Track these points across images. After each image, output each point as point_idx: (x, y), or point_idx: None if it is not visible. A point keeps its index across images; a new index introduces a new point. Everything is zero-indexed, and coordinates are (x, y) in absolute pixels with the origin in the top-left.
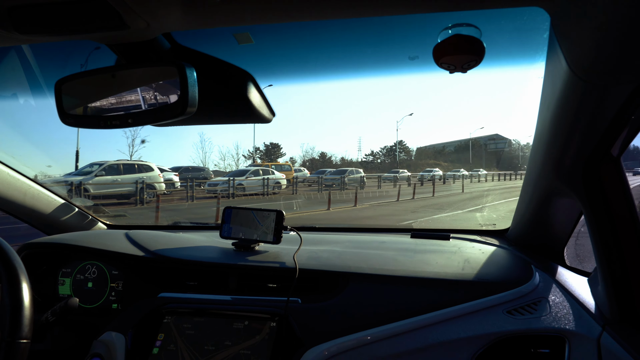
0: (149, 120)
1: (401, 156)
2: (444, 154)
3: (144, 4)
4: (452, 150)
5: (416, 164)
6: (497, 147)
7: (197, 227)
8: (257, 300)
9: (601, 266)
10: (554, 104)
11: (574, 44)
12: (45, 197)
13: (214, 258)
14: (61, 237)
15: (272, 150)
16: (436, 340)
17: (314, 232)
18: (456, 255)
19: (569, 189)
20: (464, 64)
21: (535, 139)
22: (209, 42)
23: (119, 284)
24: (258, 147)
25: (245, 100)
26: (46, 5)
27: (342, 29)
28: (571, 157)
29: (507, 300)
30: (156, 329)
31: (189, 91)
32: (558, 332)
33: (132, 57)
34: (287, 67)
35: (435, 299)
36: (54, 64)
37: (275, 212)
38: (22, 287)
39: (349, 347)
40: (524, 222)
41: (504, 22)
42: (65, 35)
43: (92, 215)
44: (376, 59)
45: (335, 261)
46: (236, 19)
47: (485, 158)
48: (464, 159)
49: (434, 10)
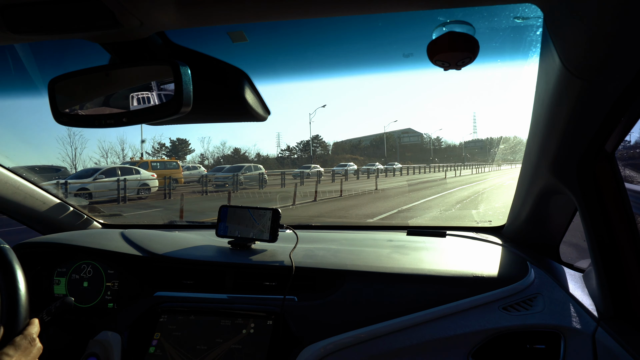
0: (144, 119)
1: (318, 151)
2: (360, 148)
3: (137, 3)
4: (368, 144)
5: (333, 159)
6: (410, 141)
7: (193, 226)
8: (253, 298)
9: (596, 262)
10: (547, 101)
11: (567, 41)
12: (40, 196)
13: (210, 257)
14: (56, 237)
15: (179, 147)
16: (433, 337)
17: (310, 230)
18: (452, 252)
19: (564, 186)
20: (458, 61)
21: (530, 136)
22: (203, 41)
23: (114, 283)
24: (164, 143)
25: (239, 98)
26: (39, 4)
27: (335, 27)
28: (565, 153)
29: (503, 296)
30: (152, 328)
31: (184, 90)
32: (553, 328)
33: (126, 56)
34: (281, 65)
35: (432, 296)
36: (48, 63)
37: (272, 210)
38: (17, 277)
39: (345, 345)
40: (520, 218)
41: (497, 19)
42: (58, 34)
43: (87, 214)
44: (371, 56)
45: (331, 259)
46: (230, 17)
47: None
48: (380, 153)
49: (428, 8)
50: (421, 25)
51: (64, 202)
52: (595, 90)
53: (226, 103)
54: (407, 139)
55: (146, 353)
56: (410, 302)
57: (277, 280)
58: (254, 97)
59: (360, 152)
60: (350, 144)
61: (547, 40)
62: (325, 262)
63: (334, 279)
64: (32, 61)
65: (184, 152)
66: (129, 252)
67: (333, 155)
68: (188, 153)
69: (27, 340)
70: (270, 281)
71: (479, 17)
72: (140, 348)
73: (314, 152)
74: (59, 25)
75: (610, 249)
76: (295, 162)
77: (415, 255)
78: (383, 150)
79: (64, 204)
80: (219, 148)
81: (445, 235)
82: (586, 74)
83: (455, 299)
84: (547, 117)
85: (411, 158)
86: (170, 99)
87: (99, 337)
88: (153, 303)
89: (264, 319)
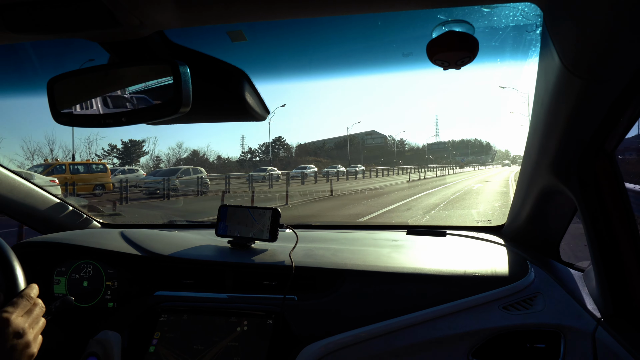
0: (143, 119)
1: (281, 153)
2: (324, 150)
3: (137, 2)
4: (332, 146)
5: (296, 161)
6: (374, 142)
7: (193, 226)
8: (253, 298)
9: (596, 261)
10: (547, 100)
11: (567, 40)
12: (39, 195)
13: (210, 256)
14: (56, 236)
15: (132, 149)
16: (433, 336)
17: (310, 229)
18: (452, 251)
19: (564, 185)
20: (457, 61)
21: (530, 135)
22: (202, 40)
23: (114, 282)
24: (115, 145)
25: (239, 98)
26: (38, 4)
27: (335, 27)
28: (565, 152)
29: (503, 295)
30: (152, 327)
31: (183, 89)
32: (553, 327)
33: (125, 56)
34: (280, 64)
35: (432, 296)
36: (47, 62)
37: (271, 210)
38: (15, 269)
39: (345, 344)
40: (520, 218)
41: (497, 18)
42: (58, 33)
43: (87, 214)
44: (370, 55)
45: (331, 258)
46: (230, 17)
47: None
48: (343, 155)
49: (428, 7)
50: (420, 24)
51: (64, 202)
52: (594, 89)
53: (225, 103)
54: (371, 141)
55: (146, 352)
56: (410, 302)
57: (277, 280)
58: (253, 97)
59: (324, 155)
60: (315, 146)
61: (547, 40)
62: (325, 262)
63: (334, 279)
64: (32, 61)
65: (137, 154)
66: (129, 252)
67: (296, 158)
68: (142, 155)
69: (26, 299)
70: (270, 281)
71: (479, 16)
72: (140, 347)
73: (276, 154)
74: (59, 24)
75: (610, 248)
76: (257, 165)
77: (415, 254)
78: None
79: (64, 203)
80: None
81: (445, 234)
82: (586, 73)
83: (455, 299)
84: (546, 116)
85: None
86: (169, 98)
87: (99, 337)
88: (153, 302)
89: (264, 318)
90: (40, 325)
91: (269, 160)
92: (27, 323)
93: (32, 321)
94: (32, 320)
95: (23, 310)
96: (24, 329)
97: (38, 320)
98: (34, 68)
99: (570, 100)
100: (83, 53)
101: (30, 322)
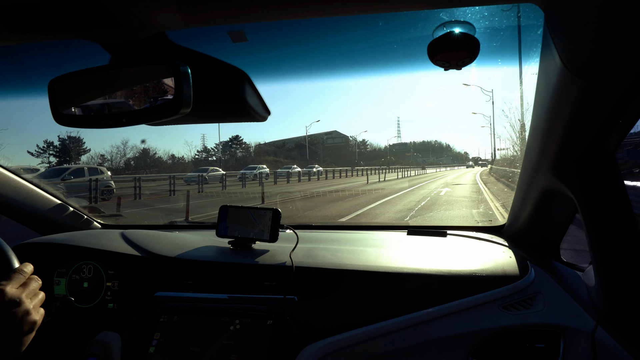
0: (143, 119)
1: (238, 153)
2: (285, 150)
3: (138, 3)
4: (292, 146)
5: (255, 161)
6: (334, 142)
7: (193, 226)
8: (253, 298)
9: (596, 261)
10: (548, 101)
11: (567, 41)
12: (40, 197)
13: (211, 257)
14: (56, 237)
15: (71, 146)
16: (433, 336)
17: (311, 230)
18: (452, 251)
19: (564, 185)
20: (458, 61)
21: (530, 136)
22: (203, 41)
23: (114, 283)
24: (52, 141)
25: (240, 99)
26: (39, 4)
27: (336, 28)
28: (566, 153)
29: (503, 295)
30: (152, 328)
31: (184, 90)
32: (553, 327)
33: (126, 57)
34: (281, 65)
35: (431, 296)
36: (48, 63)
37: (272, 210)
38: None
39: (345, 345)
40: (520, 218)
41: (498, 18)
42: (58, 34)
43: (87, 215)
44: (371, 56)
45: (331, 259)
46: (230, 17)
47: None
48: (304, 155)
49: (428, 8)
50: (421, 25)
51: (64, 203)
52: (595, 90)
53: (226, 103)
54: (331, 141)
55: (146, 353)
56: (410, 302)
57: (277, 280)
58: (254, 98)
59: (284, 155)
60: (275, 145)
61: (548, 40)
62: (325, 262)
63: (334, 279)
64: (32, 61)
65: (77, 152)
66: (129, 253)
67: (255, 157)
68: (83, 153)
69: (19, 274)
70: (270, 281)
71: (479, 17)
72: (140, 348)
73: (234, 154)
74: (59, 25)
75: (611, 249)
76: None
77: (416, 254)
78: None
79: (64, 204)
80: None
81: (446, 234)
82: (587, 74)
83: (455, 299)
84: (547, 117)
85: (336, 161)
86: (170, 99)
87: (99, 337)
88: (153, 303)
89: (264, 318)
90: (40, 298)
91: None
92: (24, 294)
93: (29, 292)
94: (29, 291)
95: (18, 283)
96: (20, 299)
97: (36, 292)
98: (35, 69)
99: (571, 101)
100: (84, 54)
101: (26, 293)
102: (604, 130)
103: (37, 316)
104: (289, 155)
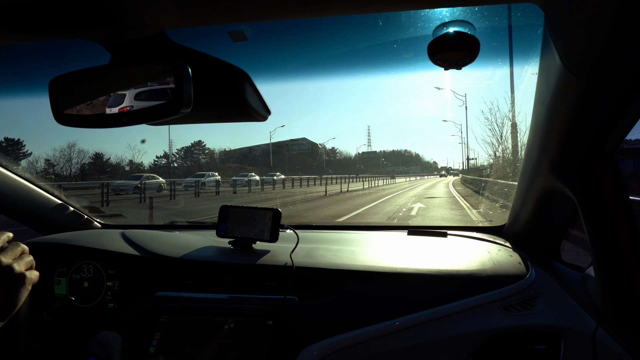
0: (144, 119)
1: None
2: (251, 157)
3: (138, 2)
4: (259, 153)
5: (220, 168)
6: (300, 149)
7: (194, 226)
8: (254, 298)
9: (596, 262)
10: (548, 100)
11: (567, 41)
12: (40, 196)
13: (211, 257)
14: (57, 237)
15: (7, 148)
16: (433, 337)
17: (311, 230)
18: (452, 252)
19: (564, 185)
20: (458, 61)
21: (530, 136)
22: (203, 40)
23: (115, 283)
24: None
25: (240, 98)
26: (39, 4)
27: (336, 27)
28: (566, 153)
29: (503, 296)
30: (152, 328)
31: (184, 90)
32: (554, 328)
33: (127, 56)
34: (281, 64)
35: (432, 296)
36: (48, 63)
37: (272, 210)
38: None
39: (345, 345)
40: (520, 218)
41: (498, 18)
42: (59, 33)
43: (88, 214)
44: (371, 56)
45: (331, 259)
46: (231, 17)
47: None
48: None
49: (428, 7)
50: (421, 25)
51: (65, 203)
52: (595, 89)
53: (226, 103)
54: (296, 148)
55: (146, 353)
56: (411, 302)
57: (278, 280)
58: (254, 97)
59: (250, 162)
60: (240, 152)
61: (548, 40)
62: (325, 262)
63: (335, 279)
64: (32, 61)
65: (15, 155)
66: (130, 252)
67: (221, 164)
68: (23, 157)
69: (11, 247)
70: (270, 281)
71: (479, 16)
72: (141, 348)
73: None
74: (60, 24)
75: (611, 249)
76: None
77: (416, 255)
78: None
79: (65, 204)
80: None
81: (446, 235)
82: (587, 74)
83: (455, 299)
84: (547, 116)
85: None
86: (170, 99)
87: (99, 337)
88: (153, 303)
89: (265, 318)
90: (27, 260)
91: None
92: (11, 258)
93: (13, 255)
94: (13, 254)
95: (11, 254)
96: (9, 263)
97: (21, 255)
98: (36, 68)
99: (571, 100)
100: (84, 54)
101: (11, 255)
102: (604, 129)
103: (32, 275)
104: (255, 163)
